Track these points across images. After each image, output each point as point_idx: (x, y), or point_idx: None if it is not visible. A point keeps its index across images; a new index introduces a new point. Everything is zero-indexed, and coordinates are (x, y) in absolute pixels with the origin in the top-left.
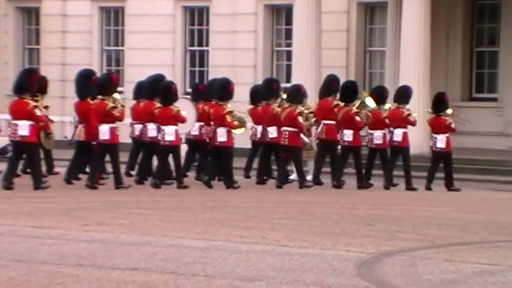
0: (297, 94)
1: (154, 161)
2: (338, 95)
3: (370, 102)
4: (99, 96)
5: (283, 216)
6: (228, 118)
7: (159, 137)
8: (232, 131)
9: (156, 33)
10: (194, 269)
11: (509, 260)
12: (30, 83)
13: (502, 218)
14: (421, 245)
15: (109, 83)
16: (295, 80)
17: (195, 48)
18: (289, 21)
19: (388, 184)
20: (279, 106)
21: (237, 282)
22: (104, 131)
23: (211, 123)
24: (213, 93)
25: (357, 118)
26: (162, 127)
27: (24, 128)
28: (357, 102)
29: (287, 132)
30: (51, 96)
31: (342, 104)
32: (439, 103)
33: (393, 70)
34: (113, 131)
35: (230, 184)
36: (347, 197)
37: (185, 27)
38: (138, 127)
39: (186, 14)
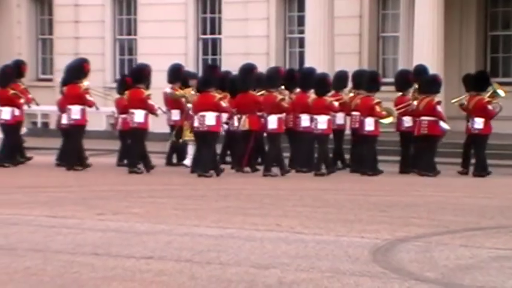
0: (433, 84)
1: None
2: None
3: (501, 92)
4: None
5: (298, 203)
6: (377, 108)
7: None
8: (380, 120)
9: (168, 22)
10: (209, 257)
11: None
12: (145, 75)
13: None
14: (437, 231)
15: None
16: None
17: (208, 36)
18: (301, 8)
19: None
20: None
21: (252, 269)
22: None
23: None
24: (360, 84)
25: (489, 107)
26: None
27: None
28: (489, 91)
29: (426, 122)
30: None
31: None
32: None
33: (406, 56)
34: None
35: (374, 172)
36: (361, 183)
37: (197, 15)
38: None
39: (198, 2)
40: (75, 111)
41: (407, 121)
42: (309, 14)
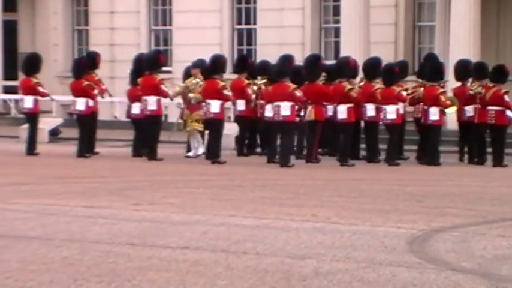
0: (502, 74)
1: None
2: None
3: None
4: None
5: (333, 193)
6: (442, 98)
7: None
8: (445, 110)
9: (203, 12)
10: (245, 247)
11: None
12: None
13: None
14: (474, 221)
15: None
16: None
17: (243, 26)
18: None
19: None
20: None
21: (287, 260)
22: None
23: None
24: (424, 74)
25: (506, 98)
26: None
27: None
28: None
29: (493, 112)
30: (100, 76)
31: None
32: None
33: (443, 45)
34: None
35: (433, 161)
36: (397, 173)
37: (232, 5)
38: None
39: None
40: (152, 102)
41: (470, 111)
42: (345, 4)
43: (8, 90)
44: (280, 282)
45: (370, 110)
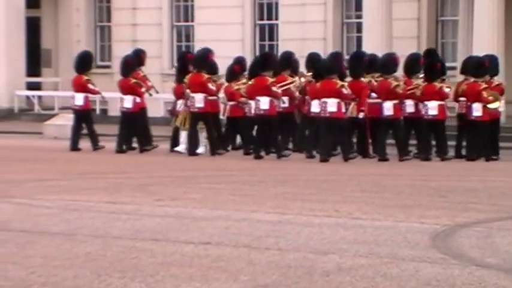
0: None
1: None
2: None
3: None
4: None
5: (356, 189)
6: (484, 94)
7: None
8: (488, 105)
9: (225, 7)
10: (267, 242)
11: None
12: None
13: None
14: (498, 216)
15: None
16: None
17: (265, 22)
18: None
19: None
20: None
21: (310, 255)
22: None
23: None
24: (467, 70)
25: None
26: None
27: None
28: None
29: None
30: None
31: None
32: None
33: (466, 40)
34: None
35: (490, 157)
36: (419, 168)
37: (254, 1)
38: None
39: None
40: (199, 99)
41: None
42: None
43: (31, 86)
44: (303, 277)
45: (409, 106)
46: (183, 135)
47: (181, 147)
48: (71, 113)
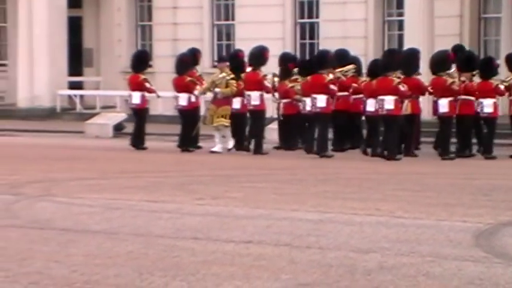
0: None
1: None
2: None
3: None
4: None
5: (397, 187)
6: None
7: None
8: None
9: (265, 6)
10: (308, 241)
11: None
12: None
13: None
14: None
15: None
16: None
17: (305, 20)
18: None
19: None
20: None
21: (351, 254)
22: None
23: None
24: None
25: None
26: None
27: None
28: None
29: None
30: (163, 72)
31: None
32: None
33: (510, 37)
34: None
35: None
36: (462, 167)
37: None
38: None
39: None
40: (255, 97)
41: None
42: None
43: (73, 86)
44: (344, 276)
45: (442, 106)
46: (217, 135)
47: (218, 146)
48: (111, 112)
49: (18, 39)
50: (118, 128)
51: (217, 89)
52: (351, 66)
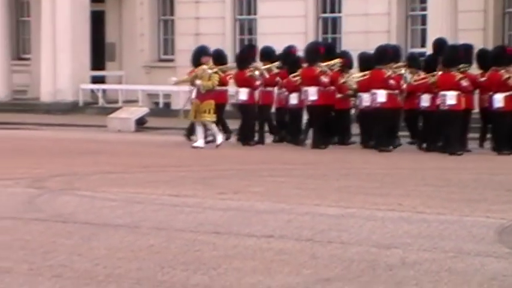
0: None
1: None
2: None
3: None
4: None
5: (420, 182)
6: None
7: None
8: None
9: (288, 0)
10: (330, 236)
11: None
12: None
13: None
14: None
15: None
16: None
17: (328, 15)
18: None
19: None
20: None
21: (373, 249)
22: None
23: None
24: None
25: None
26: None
27: (313, 93)
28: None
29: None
30: (186, 66)
31: None
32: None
33: None
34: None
35: None
36: (485, 162)
37: None
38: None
39: None
40: (312, 92)
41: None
42: None
43: (96, 80)
44: (366, 271)
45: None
46: (200, 130)
47: (200, 142)
48: (134, 106)
49: (41, 33)
50: (140, 122)
51: (198, 81)
52: (337, 60)
